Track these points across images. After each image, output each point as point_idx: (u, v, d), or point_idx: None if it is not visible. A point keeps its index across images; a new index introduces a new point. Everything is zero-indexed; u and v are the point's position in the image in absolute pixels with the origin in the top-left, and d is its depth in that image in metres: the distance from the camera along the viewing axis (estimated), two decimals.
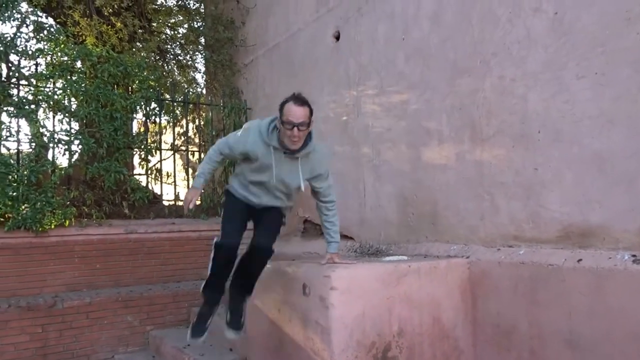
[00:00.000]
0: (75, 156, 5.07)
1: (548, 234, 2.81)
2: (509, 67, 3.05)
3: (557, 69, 2.78)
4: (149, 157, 5.71)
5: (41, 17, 5.40)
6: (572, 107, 2.70)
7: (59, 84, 4.97)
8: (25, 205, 4.54)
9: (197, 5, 7.47)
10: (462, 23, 3.37)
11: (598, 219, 2.58)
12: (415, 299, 2.95)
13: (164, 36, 7.06)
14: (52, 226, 4.63)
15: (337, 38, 4.70)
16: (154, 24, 6.91)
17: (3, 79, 4.82)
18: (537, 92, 2.88)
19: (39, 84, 4.91)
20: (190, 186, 3.28)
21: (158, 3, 7.27)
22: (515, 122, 3.01)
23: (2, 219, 4.45)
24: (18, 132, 4.82)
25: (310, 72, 5.08)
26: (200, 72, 7.61)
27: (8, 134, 4.75)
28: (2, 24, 4.87)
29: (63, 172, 4.91)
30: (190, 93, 6.69)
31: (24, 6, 5.18)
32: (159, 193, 6.12)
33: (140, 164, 5.71)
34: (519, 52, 2.99)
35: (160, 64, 7.09)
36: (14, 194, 4.46)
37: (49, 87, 4.95)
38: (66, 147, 4.93)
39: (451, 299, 3.09)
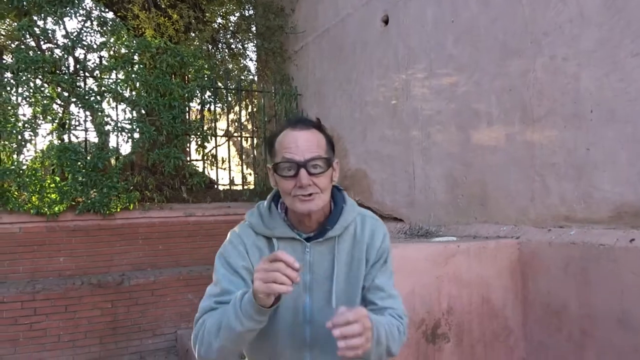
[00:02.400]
0: (137, 143, 5.38)
1: (600, 214, 2.78)
2: (560, 47, 3.01)
3: (611, 47, 2.72)
4: (205, 144, 5.97)
5: (104, 11, 5.70)
6: (627, 85, 2.65)
7: (121, 75, 5.26)
8: (94, 190, 4.88)
9: None
10: (512, 3, 3.33)
11: None
12: (464, 278, 3.00)
13: (216, 25, 7.27)
14: (118, 209, 4.96)
15: (386, 22, 4.73)
16: (207, 14, 7.13)
17: (71, 72, 5.15)
18: (590, 71, 2.84)
19: (102, 76, 5.23)
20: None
21: None
22: (567, 102, 2.98)
23: (73, 203, 4.80)
24: (85, 121, 5.16)
25: (359, 57, 5.14)
26: (252, 60, 7.80)
27: (77, 123, 5.10)
28: (69, 20, 5.19)
29: (126, 158, 5.23)
30: (243, 81, 6.89)
31: (88, 2, 5.49)
32: (214, 178, 6.38)
33: (196, 150, 5.98)
34: (572, 30, 2.94)
35: (213, 53, 7.32)
36: (83, 179, 4.81)
37: (112, 79, 5.26)
38: (129, 135, 5.24)
39: (500, 279, 3.12)
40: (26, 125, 4.75)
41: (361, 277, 1.44)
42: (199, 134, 5.86)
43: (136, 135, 5.27)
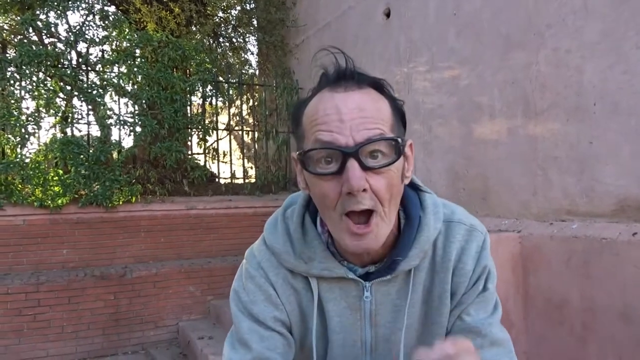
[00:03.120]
0: (139, 136, 5.39)
1: (602, 208, 2.78)
2: (564, 39, 3.00)
3: (615, 38, 2.71)
4: (207, 137, 5.97)
5: (106, 5, 5.69)
6: (631, 77, 2.64)
7: (123, 69, 5.26)
8: (96, 183, 4.89)
9: None
10: None
11: None
12: None
13: (217, 19, 7.26)
14: (120, 202, 4.97)
15: (388, 15, 4.71)
16: (209, 8, 7.11)
17: (73, 65, 5.15)
18: (594, 63, 2.82)
19: (104, 70, 5.23)
20: None
21: None
22: (570, 95, 2.96)
23: (76, 196, 4.81)
24: (88, 115, 5.17)
25: (360, 51, 5.13)
26: (252, 54, 7.78)
27: (79, 117, 5.11)
28: (71, 14, 5.19)
29: (128, 152, 5.24)
30: (244, 74, 6.88)
31: None
32: (215, 172, 6.38)
33: (198, 143, 5.98)
34: (575, 22, 2.92)
35: (214, 46, 7.31)
36: (86, 172, 4.82)
37: (114, 73, 5.25)
38: (131, 128, 5.24)
39: (502, 272, 3.11)
40: (29, 118, 4.76)
41: (444, 321, 0.93)
42: (200, 127, 5.86)
43: (138, 129, 5.27)
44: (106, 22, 5.44)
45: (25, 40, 5.24)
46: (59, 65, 4.99)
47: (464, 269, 0.91)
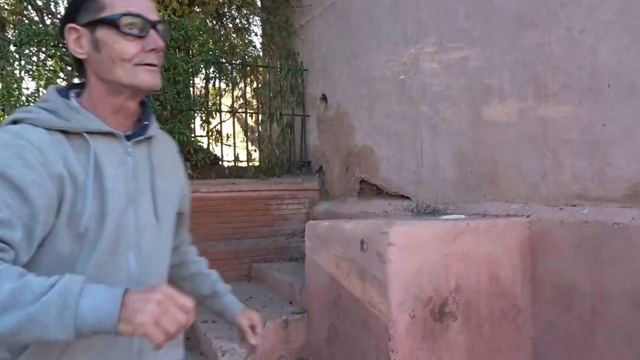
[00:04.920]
0: None
1: (614, 193, 2.71)
2: (578, 18, 2.90)
3: (631, 17, 2.62)
4: (210, 120, 5.90)
5: None
6: None
7: None
8: None
9: None
10: None
11: None
12: (472, 256, 2.95)
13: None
14: None
15: None
16: None
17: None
18: (609, 43, 2.73)
19: None
20: None
21: None
22: (583, 76, 2.88)
23: None
24: None
25: (366, 31, 5.02)
26: (256, 35, 7.67)
27: None
28: None
29: None
30: (247, 56, 6.77)
31: None
32: (219, 154, 6.32)
33: (201, 126, 5.91)
34: (589, 1, 2.83)
35: (217, 27, 7.20)
36: None
37: None
38: None
39: (510, 257, 3.07)
40: (29, 98, 4.69)
41: (177, 200, 1.24)
42: (203, 109, 5.79)
43: None
44: None
45: (25, 20, 5.14)
46: (60, 45, 4.91)
47: (176, 154, 1.32)
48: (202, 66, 5.66)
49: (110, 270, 1.03)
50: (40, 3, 4.98)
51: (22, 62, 4.71)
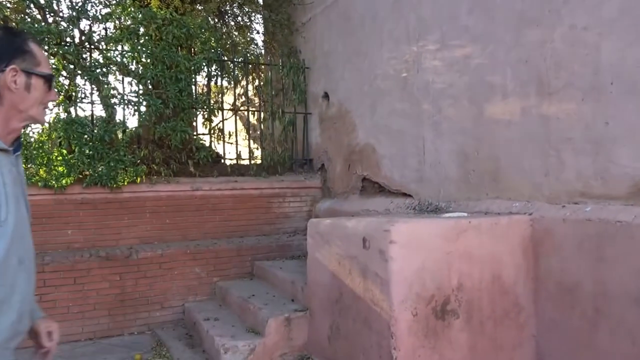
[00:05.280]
0: (144, 116, 5.32)
1: (617, 190, 2.71)
2: (581, 15, 2.89)
3: (635, 15, 2.60)
4: (212, 118, 5.90)
5: None
6: None
7: (126, 47, 5.17)
8: (101, 163, 4.84)
9: None
10: None
11: None
12: (475, 254, 2.95)
13: None
14: (125, 183, 4.93)
15: None
16: None
17: (76, 43, 5.07)
18: (612, 41, 2.72)
19: (108, 48, 5.14)
20: None
21: None
22: (586, 74, 2.87)
23: (80, 176, 4.78)
24: (92, 94, 5.10)
25: (369, 29, 5.01)
26: (258, 33, 7.66)
27: (83, 96, 5.04)
28: None
29: (133, 132, 5.18)
30: (249, 54, 6.76)
31: None
32: (221, 152, 6.33)
33: (203, 124, 5.91)
34: None
35: (219, 25, 7.19)
36: (90, 152, 4.77)
37: (118, 51, 5.17)
38: (135, 108, 5.18)
39: (512, 255, 3.07)
40: None
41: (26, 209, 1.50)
42: (205, 107, 5.79)
43: (142, 109, 5.20)
44: None
45: (27, 18, 5.14)
46: (62, 43, 4.91)
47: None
48: (204, 64, 5.65)
49: (19, 246, 1.36)
50: (42, 1, 4.97)
51: None
